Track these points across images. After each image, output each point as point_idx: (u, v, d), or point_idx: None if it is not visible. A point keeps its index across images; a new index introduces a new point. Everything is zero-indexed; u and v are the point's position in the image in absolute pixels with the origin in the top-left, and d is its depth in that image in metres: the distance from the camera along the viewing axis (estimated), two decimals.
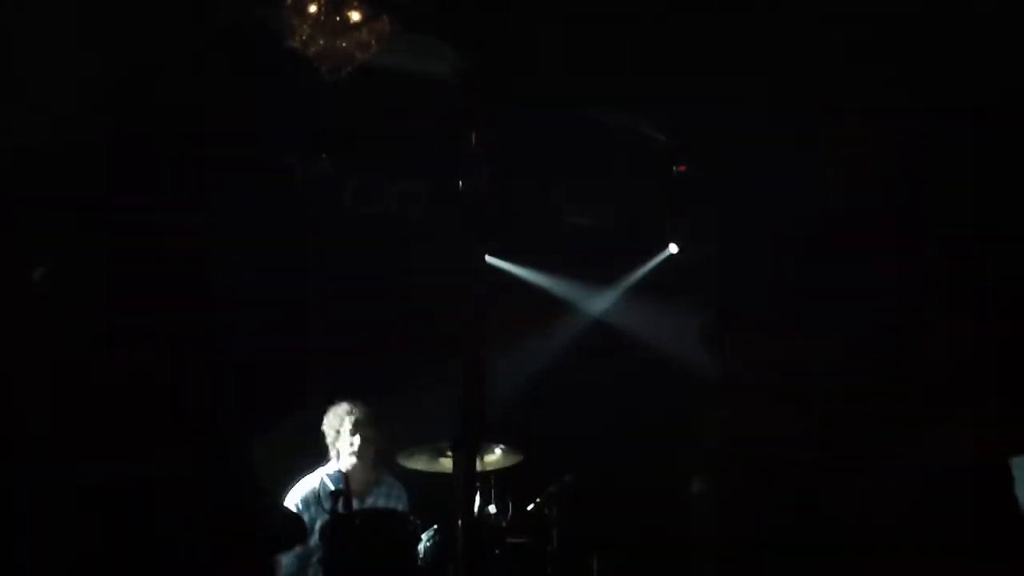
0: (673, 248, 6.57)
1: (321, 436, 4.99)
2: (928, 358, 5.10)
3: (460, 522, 1.46)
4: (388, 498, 4.97)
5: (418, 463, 4.83)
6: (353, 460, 4.88)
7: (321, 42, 4.12)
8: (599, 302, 6.71)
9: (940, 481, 4.59)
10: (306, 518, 4.53)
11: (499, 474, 4.78)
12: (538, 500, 4.91)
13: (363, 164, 5.86)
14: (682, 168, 5.97)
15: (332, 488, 4.60)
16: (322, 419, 5.01)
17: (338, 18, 4.24)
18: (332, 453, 4.94)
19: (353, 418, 4.90)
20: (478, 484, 4.60)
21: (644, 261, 6.62)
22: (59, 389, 2.23)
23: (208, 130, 4.43)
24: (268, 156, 5.30)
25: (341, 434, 4.89)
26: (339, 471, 4.83)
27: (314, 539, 4.51)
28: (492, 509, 4.63)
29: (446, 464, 4.66)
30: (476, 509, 4.59)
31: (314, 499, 4.75)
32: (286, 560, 4.64)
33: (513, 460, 4.81)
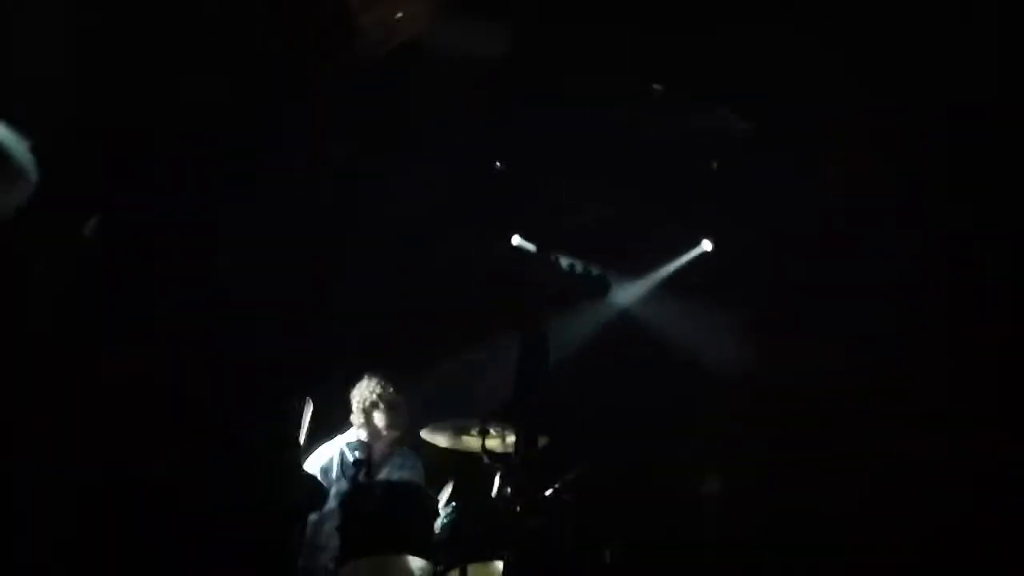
0: (707, 245, 6.54)
1: (347, 403, 4.99)
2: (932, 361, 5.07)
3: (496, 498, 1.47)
4: (403, 468, 4.97)
5: (440, 439, 4.84)
6: (378, 433, 4.89)
7: (378, 11, 4.11)
8: (627, 294, 6.70)
9: (947, 481, 4.59)
10: (324, 484, 4.55)
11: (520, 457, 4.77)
12: (556, 486, 4.92)
13: (391, 150, 5.84)
14: (716, 164, 5.93)
15: (352, 458, 4.61)
16: (346, 389, 5.01)
17: None
18: (357, 422, 4.93)
19: (386, 395, 4.88)
20: (498, 465, 4.62)
21: (676, 256, 6.60)
22: (62, 388, 2.24)
23: (216, 124, 4.42)
24: (289, 144, 5.28)
25: (371, 407, 4.88)
26: (360, 440, 4.84)
27: (330, 505, 4.54)
28: (509, 491, 4.64)
29: (468, 443, 4.67)
30: (495, 490, 4.61)
31: (334, 465, 4.77)
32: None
33: (537, 443, 4.81)
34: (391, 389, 4.89)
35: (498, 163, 5.83)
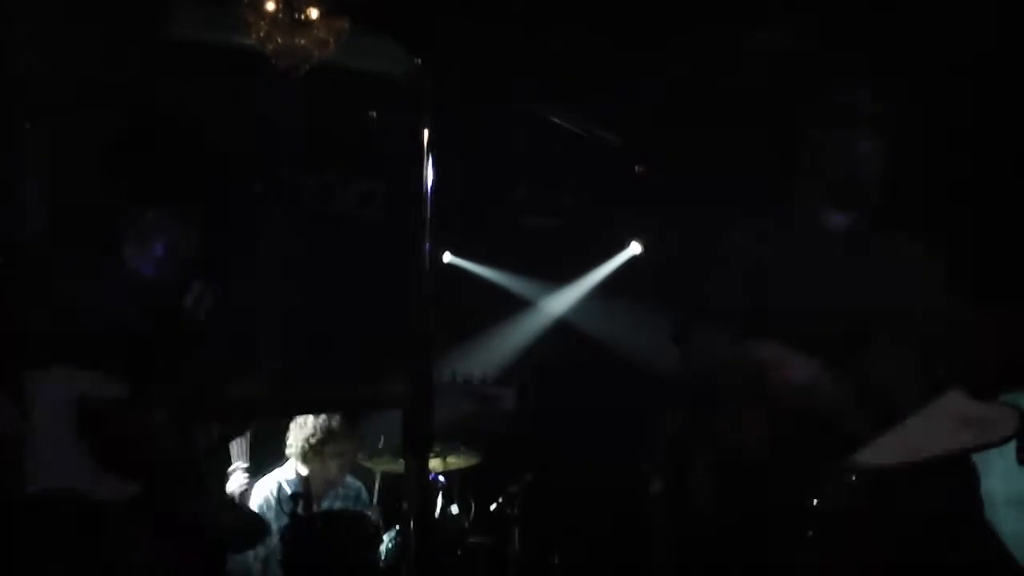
0: (636, 247, 6.60)
1: (283, 437, 4.90)
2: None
3: (412, 525, 1.46)
4: (347, 499, 4.91)
5: (380, 464, 4.80)
6: (316, 460, 4.80)
7: (279, 39, 4.07)
8: (560, 301, 6.73)
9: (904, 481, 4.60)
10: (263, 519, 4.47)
11: (461, 474, 4.77)
12: (500, 500, 4.91)
13: (321, 163, 5.82)
14: (641, 168, 5.97)
15: (290, 491, 4.55)
16: (283, 421, 4.92)
17: (296, 15, 4.20)
18: (294, 454, 4.84)
19: (321, 420, 4.79)
20: (440, 485, 4.59)
21: (606, 260, 6.65)
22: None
23: (162, 132, 4.37)
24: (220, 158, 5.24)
25: (306, 433, 4.78)
26: (298, 474, 4.77)
27: (273, 541, 4.46)
28: (454, 509, 4.62)
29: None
30: (438, 510, 4.59)
31: (271, 502, 4.69)
32: (244, 562, 4.58)
33: (474, 460, 4.80)
34: (335, 424, 4.79)
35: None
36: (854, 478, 2.37)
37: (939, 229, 2.84)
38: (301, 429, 4.79)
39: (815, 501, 2.38)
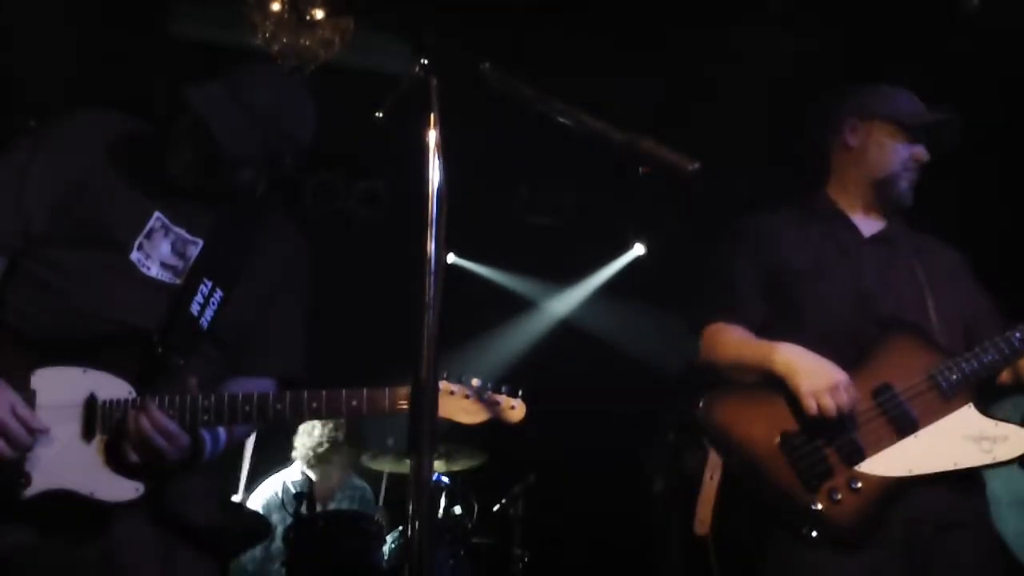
0: (640, 248, 6.58)
1: (288, 439, 4.92)
2: None
3: (413, 527, 1.46)
4: (353, 500, 4.92)
5: (383, 464, 4.81)
6: (322, 467, 4.82)
7: (284, 40, 4.08)
8: (563, 302, 6.72)
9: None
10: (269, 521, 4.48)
11: (465, 475, 4.77)
12: (503, 500, 4.92)
13: (323, 163, 5.81)
14: (647, 169, 5.94)
15: (295, 491, 4.57)
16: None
17: (301, 16, 4.20)
18: (300, 459, 4.85)
19: (328, 430, 4.81)
20: (444, 485, 4.61)
21: (610, 261, 6.64)
22: None
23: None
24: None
25: (313, 442, 4.80)
26: (304, 475, 4.78)
27: (276, 543, 4.47)
28: (458, 510, 4.63)
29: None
30: (442, 510, 4.60)
31: (276, 502, 4.70)
32: (248, 562, 4.59)
33: (477, 461, 4.81)
34: (341, 434, 4.80)
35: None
36: (859, 484, 2.36)
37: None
38: (309, 437, 4.82)
39: (819, 505, 2.36)
